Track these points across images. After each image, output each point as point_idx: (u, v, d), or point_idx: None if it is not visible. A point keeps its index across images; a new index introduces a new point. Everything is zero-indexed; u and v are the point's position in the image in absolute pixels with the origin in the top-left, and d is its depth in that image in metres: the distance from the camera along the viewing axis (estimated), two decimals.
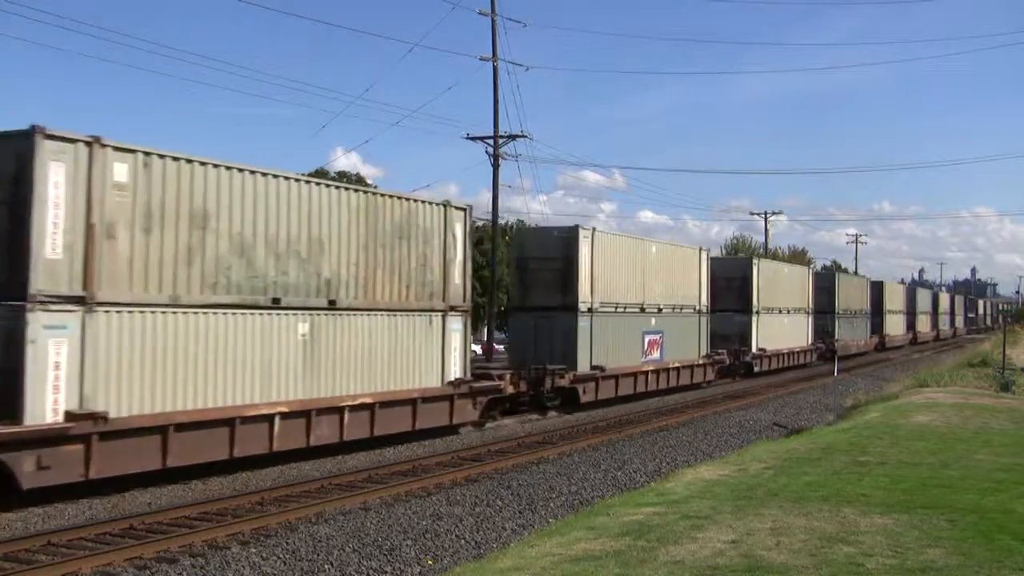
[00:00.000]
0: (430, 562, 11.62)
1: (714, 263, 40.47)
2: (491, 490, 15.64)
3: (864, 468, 15.09)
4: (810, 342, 50.11)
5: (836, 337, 54.52)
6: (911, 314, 78.57)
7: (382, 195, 19.81)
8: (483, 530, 13.20)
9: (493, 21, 36.90)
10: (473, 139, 37.93)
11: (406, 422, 20.11)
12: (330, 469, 17.54)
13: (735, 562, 9.27)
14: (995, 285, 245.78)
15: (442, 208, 21.31)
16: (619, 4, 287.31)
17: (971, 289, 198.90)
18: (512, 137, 37.20)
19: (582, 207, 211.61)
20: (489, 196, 37.86)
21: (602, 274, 28.13)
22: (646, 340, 30.88)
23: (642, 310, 30.76)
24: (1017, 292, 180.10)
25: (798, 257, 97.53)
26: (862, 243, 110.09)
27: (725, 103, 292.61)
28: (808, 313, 49.71)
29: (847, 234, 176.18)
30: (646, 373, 30.95)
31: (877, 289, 68.05)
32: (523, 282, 28.13)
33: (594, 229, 28.31)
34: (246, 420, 16.25)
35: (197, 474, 16.16)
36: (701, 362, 35.71)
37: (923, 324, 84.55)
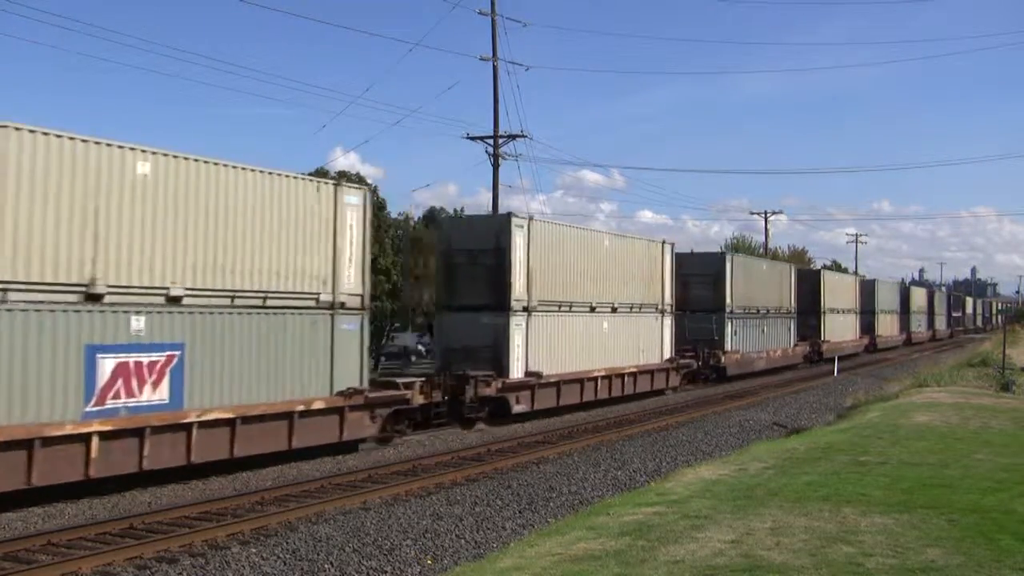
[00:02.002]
0: (430, 562, 11.62)
1: (449, 228, 26.57)
2: (491, 490, 15.65)
3: (864, 468, 15.09)
4: (667, 357, 33.02)
5: (727, 348, 37.76)
6: (868, 313, 63.51)
7: None
8: (483, 530, 13.20)
9: (493, 21, 36.87)
10: (473, 139, 37.81)
11: None
12: (330, 469, 17.54)
13: (735, 562, 9.27)
14: (995, 285, 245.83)
15: None
16: (619, 4, 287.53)
17: (971, 289, 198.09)
18: (512, 137, 37.12)
19: (582, 207, 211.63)
20: (489, 196, 37.74)
21: None
22: (105, 368, 14.54)
23: (91, 297, 14.40)
24: (1017, 292, 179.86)
25: (798, 257, 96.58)
26: (862, 243, 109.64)
27: (725, 103, 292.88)
28: (661, 312, 32.68)
29: (847, 234, 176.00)
30: (88, 439, 14.18)
31: (810, 280, 51.40)
32: None
33: None
34: None
35: (196, 474, 16.17)
36: (323, 405, 18.25)
37: (886, 326, 68.60)
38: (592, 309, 28.02)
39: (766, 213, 76.36)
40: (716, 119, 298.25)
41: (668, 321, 33.18)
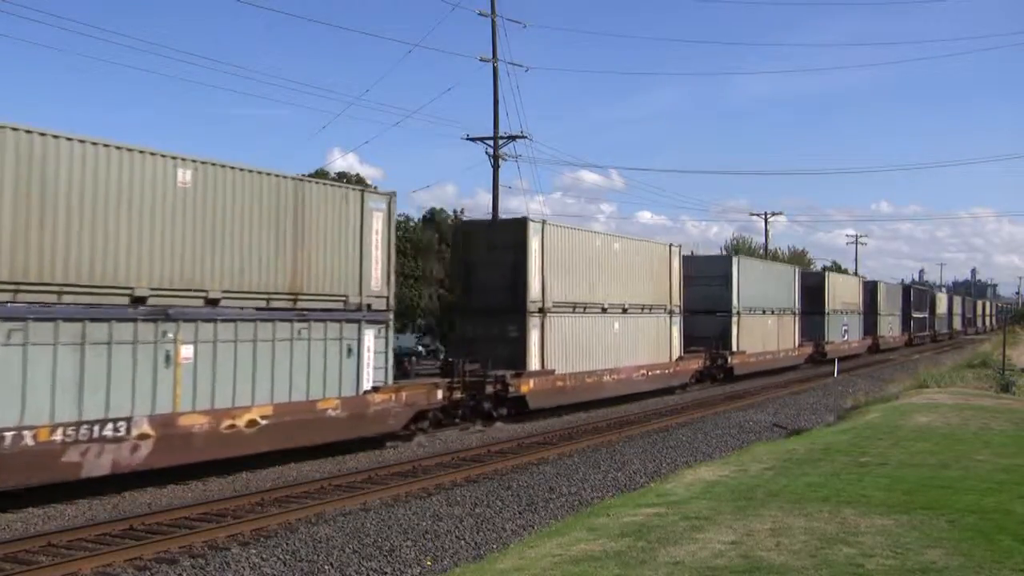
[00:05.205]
0: (429, 563, 11.61)
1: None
2: (491, 491, 15.64)
3: (864, 469, 15.09)
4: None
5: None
6: (721, 313, 39.46)
7: None
8: (483, 531, 13.20)
9: (493, 22, 36.86)
10: (473, 140, 37.83)
11: None
12: (330, 470, 17.54)
13: (735, 563, 9.27)
14: (995, 286, 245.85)
15: None
16: (619, 4, 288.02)
17: (971, 290, 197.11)
18: (512, 138, 37.08)
19: (581, 208, 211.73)
20: (488, 197, 37.76)
21: None
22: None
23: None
24: (1017, 293, 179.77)
25: (798, 258, 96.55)
26: (862, 244, 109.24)
27: (725, 103, 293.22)
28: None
29: (846, 235, 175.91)
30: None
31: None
32: None
33: None
34: None
35: (197, 474, 16.17)
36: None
37: (766, 334, 42.97)
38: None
39: (766, 214, 76.22)
40: (716, 119, 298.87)
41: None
